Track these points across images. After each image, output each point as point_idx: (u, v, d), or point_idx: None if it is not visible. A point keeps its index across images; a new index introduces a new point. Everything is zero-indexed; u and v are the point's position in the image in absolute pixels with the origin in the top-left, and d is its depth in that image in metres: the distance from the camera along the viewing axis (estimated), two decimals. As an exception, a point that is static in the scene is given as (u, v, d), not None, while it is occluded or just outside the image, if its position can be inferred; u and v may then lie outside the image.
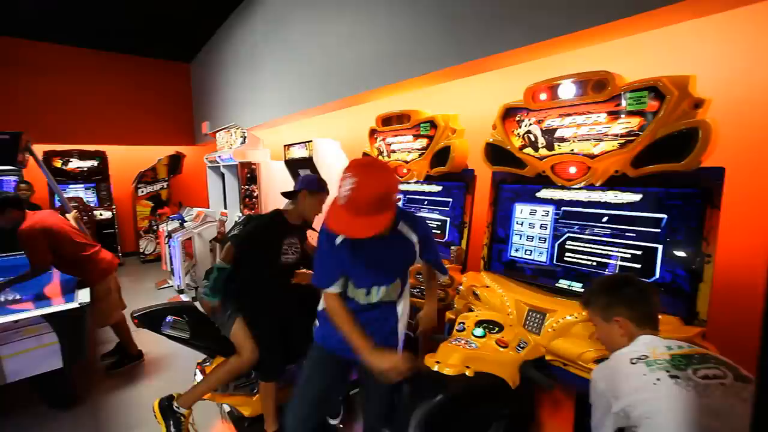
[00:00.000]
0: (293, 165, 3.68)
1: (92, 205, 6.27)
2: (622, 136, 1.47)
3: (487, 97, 2.57)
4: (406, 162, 2.45)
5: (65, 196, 4.31)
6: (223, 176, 5.00)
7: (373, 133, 2.68)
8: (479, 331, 1.49)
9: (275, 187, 3.96)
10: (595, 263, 1.61)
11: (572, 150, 1.63)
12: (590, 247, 1.63)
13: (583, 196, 1.68)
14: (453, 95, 2.79)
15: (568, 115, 1.62)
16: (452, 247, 2.20)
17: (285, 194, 2.12)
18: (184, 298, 4.57)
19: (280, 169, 3.88)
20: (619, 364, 1.07)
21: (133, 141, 6.81)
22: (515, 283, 1.84)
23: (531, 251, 1.86)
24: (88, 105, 6.29)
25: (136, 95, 6.71)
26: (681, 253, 1.38)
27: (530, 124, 1.78)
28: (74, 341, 2.44)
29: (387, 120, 2.55)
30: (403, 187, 2.62)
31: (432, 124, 2.30)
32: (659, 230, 1.44)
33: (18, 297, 2.80)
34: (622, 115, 1.46)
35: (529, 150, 1.81)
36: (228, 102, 5.65)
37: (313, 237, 1.97)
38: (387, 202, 1.23)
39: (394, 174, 1.54)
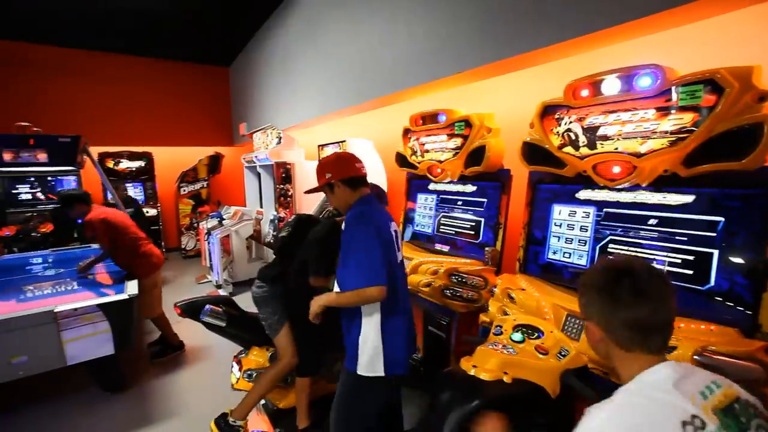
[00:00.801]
0: (327, 165, 3.74)
1: (140, 202, 6.67)
2: (672, 133, 1.38)
3: (523, 95, 2.51)
4: (440, 162, 2.43)
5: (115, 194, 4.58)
6: (259, 176, 5.17)
7: (406, 132, 2.68)
8: (518, 336, 1.45)
9: (309, 186, 4.04)
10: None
11: (616, 148, 1.55)
12: (635, 251, 1.55)
13: (628, 197, 1.59)
14: (488, 94, 2.73)
15: (612, 111, 1.55)
16: (486, 248, 2.15)
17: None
18: (221, 292, 4.76)
19: (314, 169, 3.96)
20: (655, 423, 0.69)
21: (176, 142, 7.17)
22: (553, 286, 1.78)
23: (570, 254, 1.79)
24: (137, 109, 6.69)
25: (179, 99, 7.07)
26: (740, 259, 1.28)
27: (570, 122, 1.71)
28: (123, 330, 2.61)
29: (421, 119, 2.54)
30: (436, 186, 2.60)
31: (467, 123, 2.27)
32: (714, 234, 1.35)
33: (76, 285, 3.04)
34: (673, 111, 1.37)
35: (568, 149, 1.74)
36: (264, 104, 5.83)
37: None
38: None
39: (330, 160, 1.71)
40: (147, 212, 6.61)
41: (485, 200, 2.31)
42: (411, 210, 2.82)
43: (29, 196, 5.77)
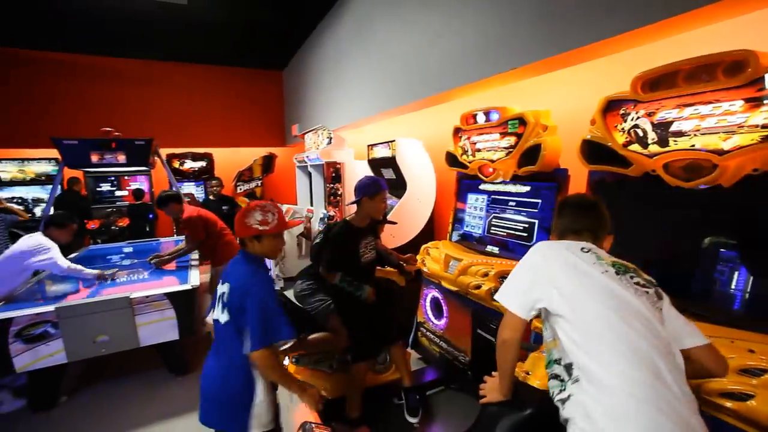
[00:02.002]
0: (376, 164, 3.78)
1: (200, 200, 7.17)
2: (764, 127, 1.23)
3: (582, 91, 2.37)
4: (492, 161, 2.36)
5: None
6: (310, 175, 5.33)
7: (457, 131, 2.63)
8: None
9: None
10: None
11: (693, 145, 1.41)
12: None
13: (705, 198, 1.44)
14: (543, 90, 2.61)
15: (689, 105, 1.41)
16: (540, 252, 2.06)
17: (352, 203, 2.28)
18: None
19: (363, 169, 4.01)
20: (569, 245, 1.19)
21: (233, 143, 7.62)
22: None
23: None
24: (199, 113, 7.20)
25: (237, 103, 7.50)
26: None
27: (638, 118, 1.59)
28: (187, 317, 2.83)
29: (472, 117, 2.48)
30: (487, 186, 2.53)
31: (521, 121, 2.18)
32: None
33: (147, 275, 3.34)
34: (767, 102, 1.22)
35: (635, 147, 1.61)
36: (316, 105, 6.01)
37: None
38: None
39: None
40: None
41: (539, 201, 2.20)
42: (460, 210, 2.76)
43: (110, 194, 6.43)
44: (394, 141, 3.35)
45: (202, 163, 7.26)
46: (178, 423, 2.48)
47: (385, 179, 3.78)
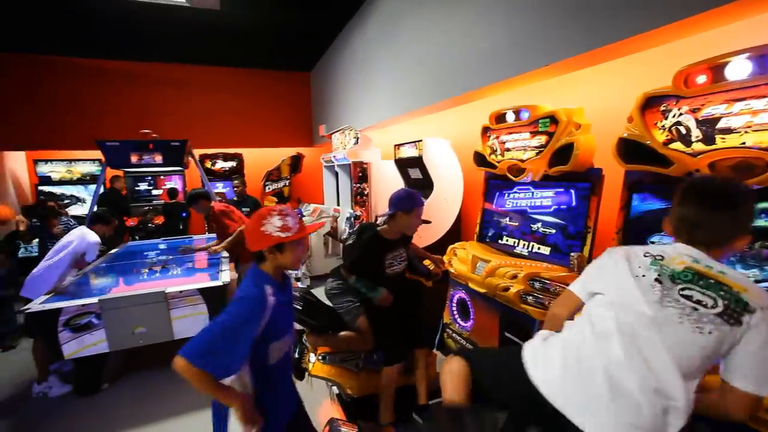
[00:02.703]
0: (403, 164, 3.78)
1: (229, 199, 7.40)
2: (824, 124, 1.14)
3: (615, 88, 2.29)
4: (522, 161, 2.30)
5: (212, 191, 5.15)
6: (336, 175, 5.40)
7: (485, 130, 2.59)
8: None
9: (385, 185, 4.12)
10: (772, 285, 1.29)
11: (743, 143, 1.32)
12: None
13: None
14: (576, 87, 2.53)
15: (739, 100, 1.33)
16: (572, 254, 1.99)
17: (385, 219, 2.23)
18: (300, 285, 5.08)
19: (390, 168, 4.02)
20: (635, 248, 1.14)
21: (262, 144, 7.80)
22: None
23: (676, 264, 1.58)
24: (230, 114, 7.41)
25: (266, 104, 7.67)
26: None
27: (680, 114, 1.51)
28: (217, 312, 2.91)
29: (501, 117, 2.44)
30: (516, 187, 2.48)
31: (552, 119, 2.12)
32: None
33: (179, 271, 3.48)
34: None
35: (677, 145, 1.53)
36: (343, 105, 6.07)
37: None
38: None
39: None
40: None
41: (571, 202, 2.14)
42: (488, 211, 2.72)
43: (147, 193, 6.75)
44: (421, 141, 3.33)
45: (232, 163, 7.49)
46: (208, 415, 2.57)
47: (412, 179, 3.78)
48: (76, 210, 6.44)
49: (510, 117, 2.37)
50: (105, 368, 2.90)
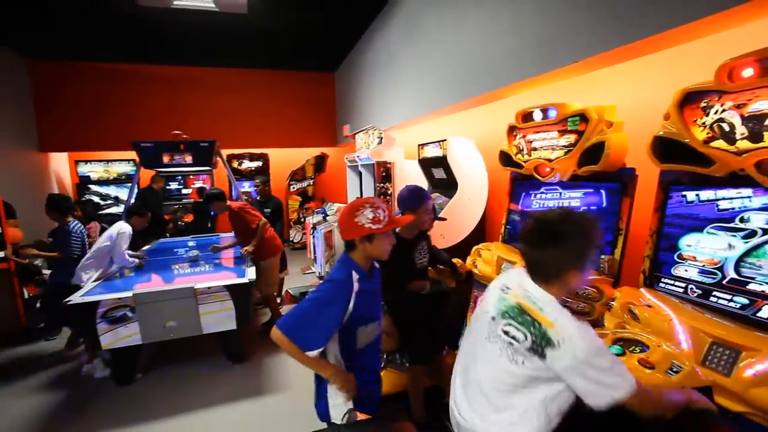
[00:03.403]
0: (426, 164, 3.75)
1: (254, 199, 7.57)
2: None
3: (650, 84, 2.19)
4: (549, 160, 2.24)
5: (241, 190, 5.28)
6: (360, 174, 5.41)
7: (512, 130, 2.53)
8: (616, 349, 1.28)
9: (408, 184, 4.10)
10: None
11: (794, 141, 1.24)
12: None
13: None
14: (606, 84, 2.44)
15: (790, 95, 1.24)
16: (603, 256, 1.92)
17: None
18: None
19: (414, 168, 4.00)
20: (495, 282, 1.27)
21: (287, 144, 7.95)
22: (690, 306, 1.51)
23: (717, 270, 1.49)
24: (256, 115, 7.59)
25: (290, 105, 7.81)
26: None
27: (723, 111, 1.43)
28: (243, 308, 3.00)
29: (528, 115, 2.38)
30: (543, 187, 2.42)
31: (582, 117, 2.05)
32: None
33: (209, 267, 3.58)
34: None
35: (719, 143, 1.45)
36: (367, 105, 6.10)
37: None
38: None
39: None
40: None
41: (602, 203, 2.06)
42: (514, 211, 2.66)
43: (177, 192, 7.00)
44: (445, 140, 3.30)
45: (258, 163, 7.66)
46: (235, 407, 2.65)
47: (436, 179, 3.74)
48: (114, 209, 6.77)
49: (537, 115, 2.31)
50: (139, 359, 3.03)
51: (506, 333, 1.12)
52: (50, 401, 2.78)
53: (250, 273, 3.21)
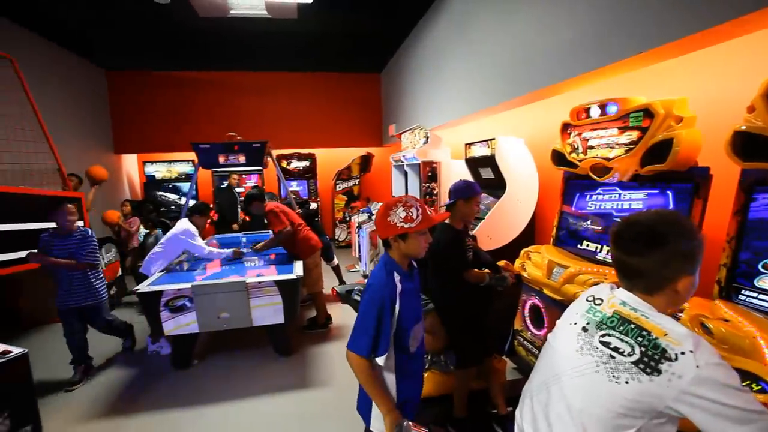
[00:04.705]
0: (474, 164, 3.67)
1: (303, 197, 7.81)
2: None
3: (725, 75, 1.98)
4: (608, 159, 2.10)
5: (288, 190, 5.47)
6: (405, 174, 5.41)
7: (566, 127, 2.40)
8: None
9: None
10: None
11: None
12: None
13: None
14: (672, 77, 2.24)
15: None
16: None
17: (447, 207, 2.24)
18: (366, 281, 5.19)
19: (460, 168, 3.93)
20: (579, 297, 1.13)
21: (334, 144, 8.13)
22: (778, 322, 1.34)
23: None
24: (304, 116, 7.84)
25: (338, 105, 7.98)
26: None
27: (822, 102, 1.25)
28: (291, 303, 3.10)
29: (584, 112, 2.24)
30: (601, 188, 2.27)
31: (647, 112, 1.89)
32: None
33: (259, 263, 3.75)
34: None
35: (816, 139, 1.27)
36: (413, 105, 6.08)
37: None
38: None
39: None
40: (309, 206, 7.72)
41: (668, 205, 1.89)
42: (567, 213, 2.52)
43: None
44: (494, 139, 3.21)
45: (306, 163, 7.91)
46: (280, 398, 2.75)
47: (483, 179, 3.65)
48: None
49: (595, 112, 2.17)
50: (195, 346, 3.25)
51: (606, 344, 0.92)
52: (121, 378, 3.07)
53: (298, 269, 3.32)
